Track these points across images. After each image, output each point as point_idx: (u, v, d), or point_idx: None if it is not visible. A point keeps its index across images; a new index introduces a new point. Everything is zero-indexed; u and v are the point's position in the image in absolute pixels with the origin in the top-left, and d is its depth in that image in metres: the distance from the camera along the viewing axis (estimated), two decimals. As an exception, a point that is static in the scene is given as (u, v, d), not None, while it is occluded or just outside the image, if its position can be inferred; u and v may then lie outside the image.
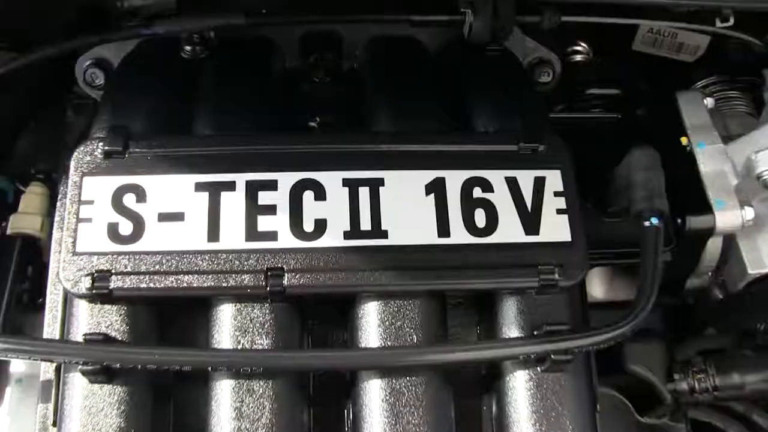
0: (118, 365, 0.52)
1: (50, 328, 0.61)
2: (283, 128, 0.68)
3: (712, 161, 0.69)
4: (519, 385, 0.55)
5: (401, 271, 0.55)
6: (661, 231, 0.58)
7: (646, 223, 0.59)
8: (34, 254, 0.78)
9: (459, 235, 0.56)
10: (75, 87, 0.83)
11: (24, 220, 0.79)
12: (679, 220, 0.68)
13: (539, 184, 0.58)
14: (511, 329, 0.57)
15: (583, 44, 0.85)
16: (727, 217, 0.67)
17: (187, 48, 0.71)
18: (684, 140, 0.70)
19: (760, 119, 0.72)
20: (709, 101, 0.73)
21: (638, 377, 0.74)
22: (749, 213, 0.67)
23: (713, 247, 0.70)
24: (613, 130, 0.76)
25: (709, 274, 0.77)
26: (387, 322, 0.55)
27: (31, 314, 0.78)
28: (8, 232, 0.78)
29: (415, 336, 0.55)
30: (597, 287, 0.84)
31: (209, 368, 0.53)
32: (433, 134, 0.61)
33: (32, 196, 0.80)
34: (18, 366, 0.79)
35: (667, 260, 0.71)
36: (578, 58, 0.84)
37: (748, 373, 0.70)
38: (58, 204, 0.66)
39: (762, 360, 0.69)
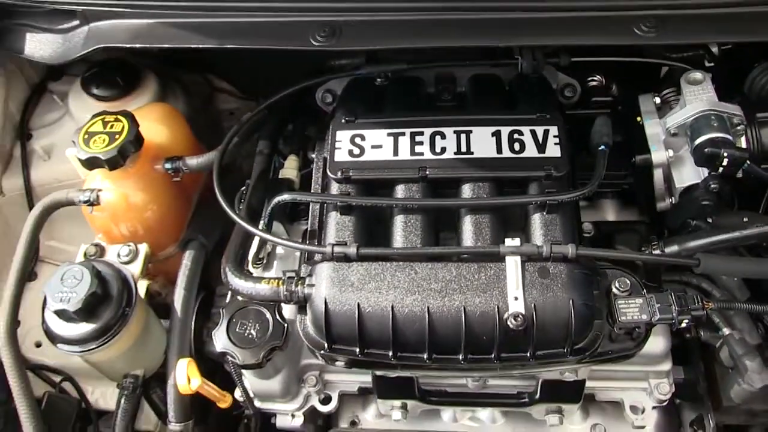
0: (353, 203, 1.35)
1: (315, 205, 1.46)
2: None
3: (652, 128, 1.42)
4: (534, 220, 1.31)
5: (480, 167, 1.34)
6: (606, 152, 1.34)
7: (600, 148, 1.35)
8: (293, 189, 1.66)
9: (506, 152, 1.35)
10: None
11: (288, 172, 1.65)
12: (633, 159, 1.42)
13: (545, 132, 1.35)
14: (532, 196, 1.34)
15: (598, 76, 1.62)
16: (658, 155, 1.40)
17: (378, 80, 1.56)
18: (639, 119, 1.45)
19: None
20: (657, 99, 1.47)
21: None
22: (670, 153, 1.39)
23: (658, 176, 1.42)
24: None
25: (672, 199, 1.47)
26: (472, 192, 1.34)
27: (287, 223, 1.67)
28: (279, 177, 1.67)
29: (486, 196, 1.34)
30: (610, 213, 1.57)
31: (394, 205, 1.34)
32: (497, 113, 1.42)
33: (291, 161, 1.67)
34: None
35: (630, 182, 1.45)
36: (594, 83, 1.61)
37: (681, 244, 1.36)
38: (316, 153, 1.54)
39: (687, 237, 1.36)
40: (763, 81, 1.65)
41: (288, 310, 1.42)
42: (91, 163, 1.57)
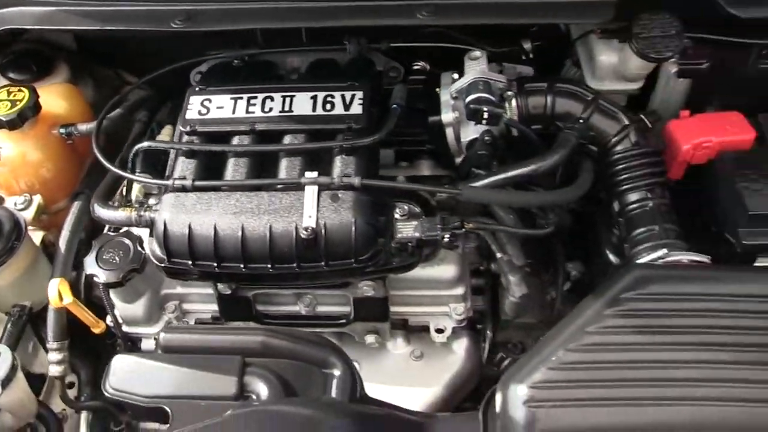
0: (196, 149, 1.82)
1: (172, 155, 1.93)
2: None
3: (444, 96, 1.90)
4: (336, 161, 1.76)
5: (297, 122, 1.82)
6: (398, 111, 1.82)
7: (393, 107, 1.83)
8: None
9: (319, 111, 1.83)
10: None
11: (164, 136, 2.15)
12: (429, 119, 1.91)
13: (353, 96, 1.84)
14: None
15: (421, 62, 2.13)
16: (446, 116, 1.88)
17: (236, 62, 2.07)
18: (438, 90, 1.95)
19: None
20: (455, 75, 1.96)
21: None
22: (456, 114, 1.87)
23: (450, 134, 1.90)
24: (418, 93, 2.00)
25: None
26: (290, 142, 1.83)
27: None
28: (157, 138, 2.16)
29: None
30: (426, 170, 2.03)
31: (227, 151, 1.82)
32: (320, 82, 1.92)
33: (166, 129, 2.14)
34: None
35: (426, 137, 1.95)
36: (417, 67, 2.11)
37: (463, 186, 1.85)
38: (180, 117, 2.03)
39: (469, 180, 1.84)
40: (571, 74, 2.18)
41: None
42: (-6, 125, 2.06)
